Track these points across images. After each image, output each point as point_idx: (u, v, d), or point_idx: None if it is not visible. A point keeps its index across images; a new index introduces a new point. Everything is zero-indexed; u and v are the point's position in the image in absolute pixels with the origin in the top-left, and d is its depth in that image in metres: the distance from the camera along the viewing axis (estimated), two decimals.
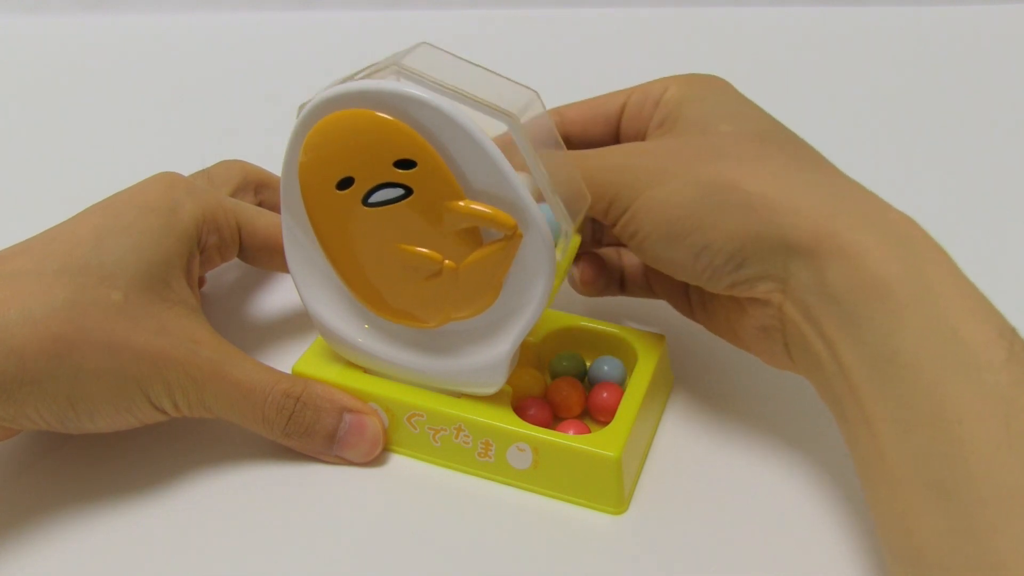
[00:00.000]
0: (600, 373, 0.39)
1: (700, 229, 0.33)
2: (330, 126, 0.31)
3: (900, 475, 0.28)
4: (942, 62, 0.69)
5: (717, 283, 0.34)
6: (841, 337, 0.30)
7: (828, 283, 0.31)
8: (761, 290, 0.33)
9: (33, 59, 0.71)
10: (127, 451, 0.37)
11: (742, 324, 0.35)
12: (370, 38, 0.72)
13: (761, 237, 0.32)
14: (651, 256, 0.35)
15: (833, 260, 0.31)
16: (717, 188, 0.33)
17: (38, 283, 0.33)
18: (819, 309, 0.31)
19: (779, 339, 0.34)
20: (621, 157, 0.35)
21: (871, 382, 0.29)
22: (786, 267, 0.32)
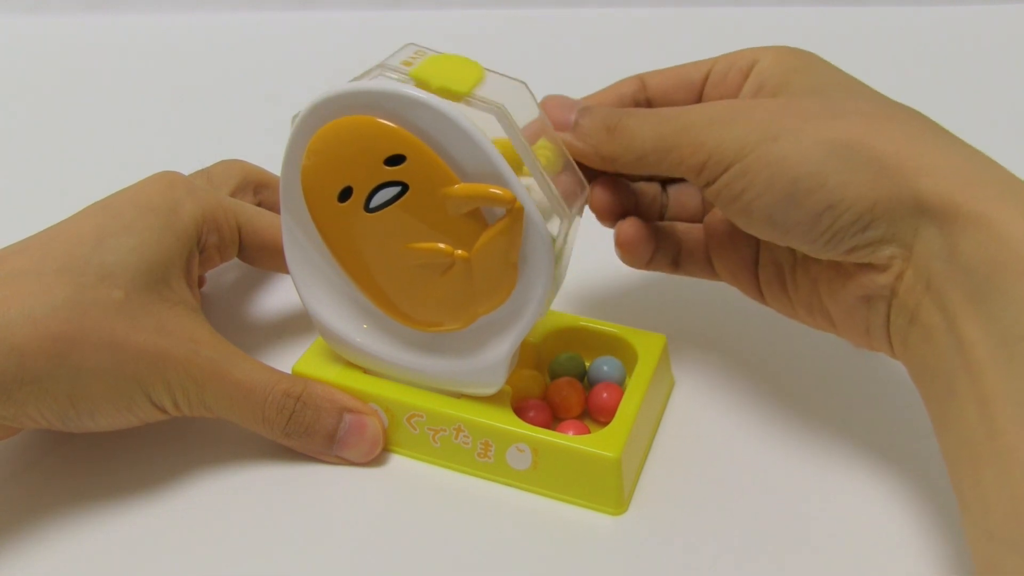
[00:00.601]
0: (600, 373, 0.39)
1: (825, 187, 0.30)
2: (325, 136, 0.32)
3: (1017, 458, 0.27)
4: (942, 62, 0.69)
5: (836, 247, 0.31)
6: (968, 309, 0.29)
7: (961, 251, 0.29)
8: (883, 255, 0.31)
9: (33, 59, 0.71)
10: (127, 451, 0.37)
11: (840, 294, 0.33)
12: (370, 38, 0.72)
13: (893, 197, 0.30)
14: (760, 218, 0.32)
15: (970, 228, 0.29)
16: (844, 145, 0.30)
17: (38, 282, 0.33)
18: (945, 278, 0.29)
19: (882, 310, 0.32)
20: (728, 111, 0.33)
21: (997, 360, 0.28)
22: (916, 231, 0.30)
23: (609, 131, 0.34)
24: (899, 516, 0.34)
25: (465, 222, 0.32)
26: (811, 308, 0.35)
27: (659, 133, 0.33)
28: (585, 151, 0.35)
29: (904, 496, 0.35)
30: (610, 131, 0.34)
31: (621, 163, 0.35)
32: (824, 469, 0.36)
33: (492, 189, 0.31)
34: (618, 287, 0.46)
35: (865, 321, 0.33)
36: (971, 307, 0.29)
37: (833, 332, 0.35)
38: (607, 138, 0.35)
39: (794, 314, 0.36)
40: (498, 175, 0.31)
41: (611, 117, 0.35)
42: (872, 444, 0.37)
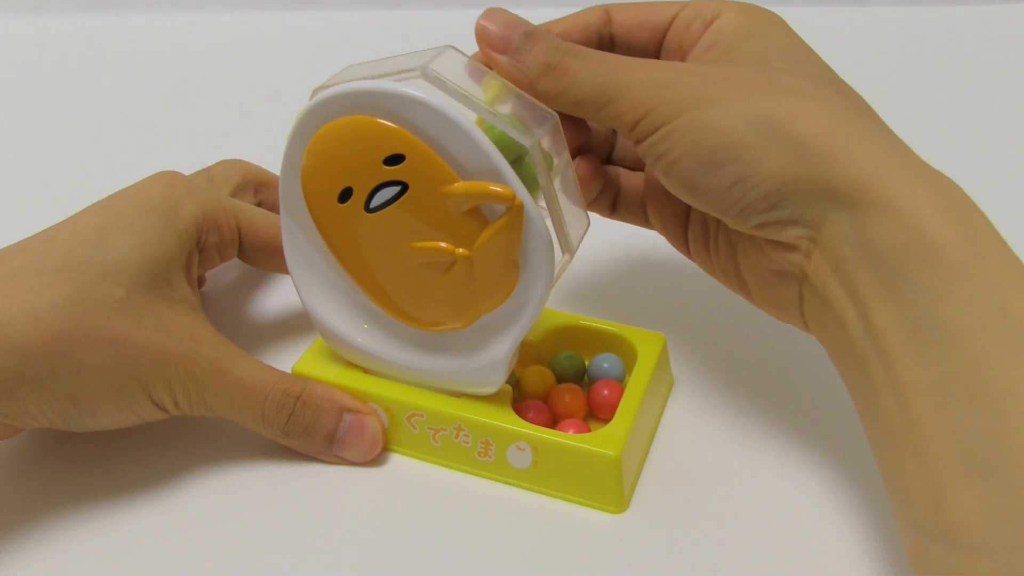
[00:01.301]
0: (600, 370, 0.39)
1: (740, 160, 0.31)
2: (325, 137, 0.32)
3: (934, 448, 0.27)
4: (942, 62, 0.69)
5: (745, 220, 0.32)
6: (878, 297, 0.29)
7: (870, 237, 0.29)
8: (791, 234, 0.31)
9: (33, 59, 0.71)
10: (128, 451, 0.37)
11: (755, 265, 0.34)
12: (370, 38, 0.72)
13: (803, 179, 0.30)
14: (678, 180, 0.33)
15: (880, 213, 0.29)
16: (767, 121, 0.31)
17: (40, 280, 0.33)
18: (854, 264, 0.30)
19: (794, 287, 0.32)
20: (670, 73, 0.33)
21: (909, 348, 0.28)
22: (823, 214, 0.30)
23: (549, 67, 0.33)
24: None
25: (466, 220, 0.32)
26: (728, 272, 0.36)
27: (600, 83, 0.33)
28: (520, 81, 0.34)
29: None
30: (551, 68, 0.33)
31: (556, 103, 0.34)
32: (824, 468, 0.36)
33: (492, 187, 0.31)
34: (618, 286, 0.46)
35: (777, 294, 0.33)
36: (882, 295, 0.29)
37: (749, 300, 0.35)
38: (545, 74, 0.33)
39: (714, 274, 0.37)
40: (497, 172, 0.31)
41: (555, 53, 0.34)
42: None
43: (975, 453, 0.26)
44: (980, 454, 0.26)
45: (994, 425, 0.26)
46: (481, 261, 0.32)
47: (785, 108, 0.31)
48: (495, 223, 0.31)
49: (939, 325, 0.28)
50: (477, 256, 0.32)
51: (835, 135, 0.31)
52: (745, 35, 0.35)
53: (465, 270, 0.33)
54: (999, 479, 0.26)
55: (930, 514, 0.27)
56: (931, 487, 0.27)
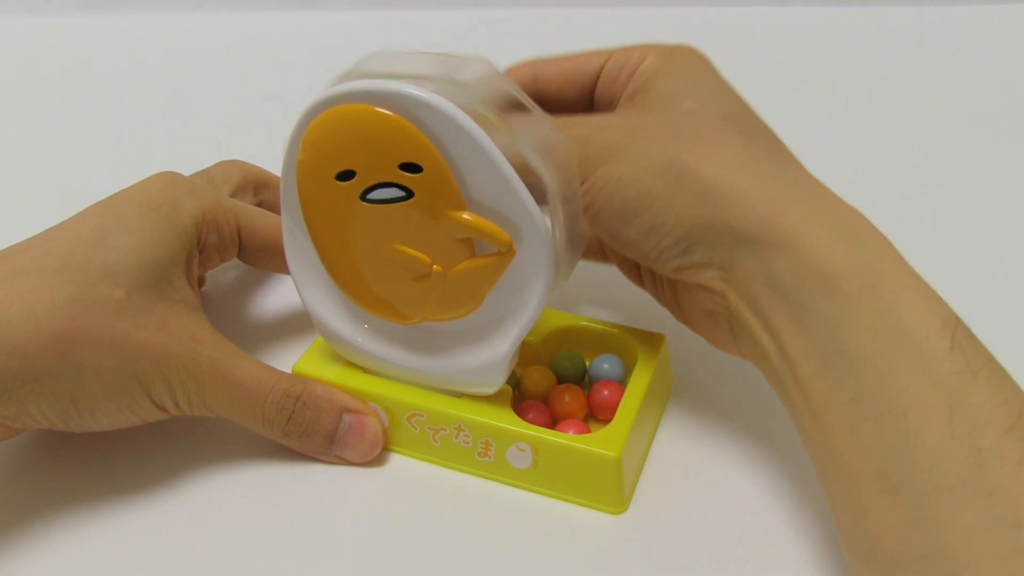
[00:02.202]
0: (600, 371, 0.39)
1: (651, 210, 0.32)
2: (334, 118, 0.31)
3: (851, 468, 0.28)
4: (942, 62, 0.69)
5: (664, 265, 0.33)
6: (788, 329, 0.30)
7: (775, 274, 0.31)
8: (706, 276, 0.33)
9: (33, 59, 0.71)
10: (127, 451, 0.37)
11: (689, 305, 0.35)
12: (370, 38, 0.72)
13: (708, 223, 0.32)
14: (602, 230, 0.34)
15: (780, 251, 0.30)
16: (671, 170, 0.32)
17: (40, 281, 0.33)
18: (765, 300, 0.31)
19: (725, 325, 0.34)
20: (584, 129, 0.35)
21: (819, 375, 0.30)
22: (731, 256, 0.32)
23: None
24: None
25: (454, 242, 0.32)
26: (675, 310, 0.37)
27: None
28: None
29: None
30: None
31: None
32: None
33: (495, 229, 0.31)
34: (618, 287, 0.46)
35: (713, 330, 0.35)
36: (790, 326, 0.30)
37: (700, 335, 0.36)
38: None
39: (672, 312, 0.38)
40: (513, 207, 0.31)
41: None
42: None
43: (884, 469, 0.27)
44: (888, 469, 0.27)
45: (897, 440, 0.27)
46: (453, 283, 0.33)
47: (690, 155, 0.32)
48: (482, 258, 0.32)
49: (843, 351, 0.29)
50: (451, 277, 0.33)
51: (736, 177, 0.32)
52: (659, 77, 0.36)
53: (436, 283, 0.33)
54: (906, 491, 0.27)
55: (854, 533, 0.29)
56: (853, 507, 0.28)
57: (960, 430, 0.27)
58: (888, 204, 0.51)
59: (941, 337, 0.28)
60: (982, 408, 0.27)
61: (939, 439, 0.27)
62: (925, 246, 0.42)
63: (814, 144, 0.41)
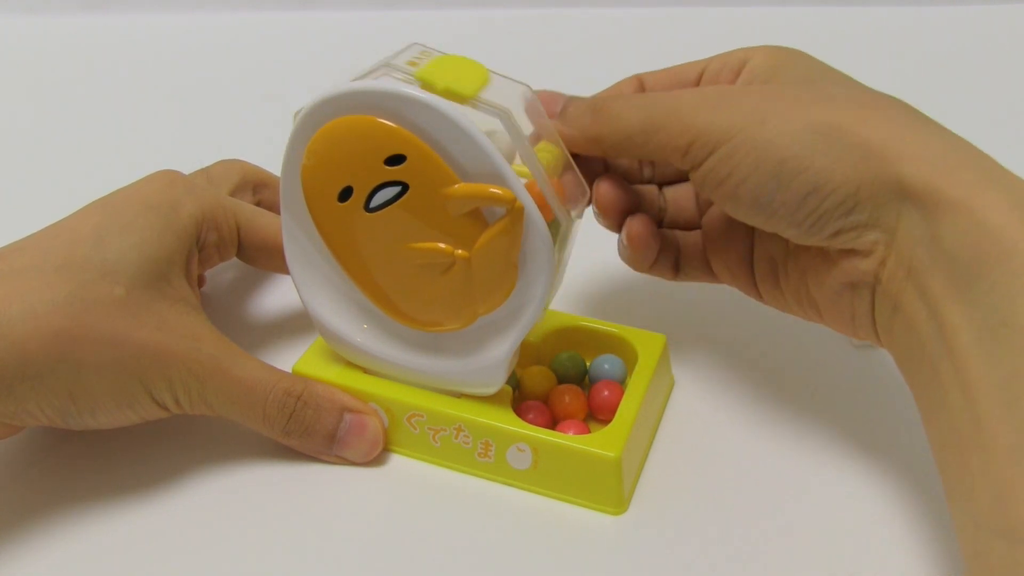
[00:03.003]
0: (601, 371, 0.39)
1: (811, 170, 0.31)
2: (325, 136, 0.32)
3: (1001, 445, 0.27)
4: (942, 62, 0.69)
5: (820, 230, 0.32)
6: (950, 296, 0.29)
7: (943, 237, 0.29)
8: (867, 240, 0.31)
9: (33, 59, 0.71)
10: (127, 450, 0.37)
11: (826, 282, 0.33)
12: (370, 38, 0.72)
13: (877, 181, 0.30)
14: (746, 202, 0.32)
15: (952, 213, 0.29)
16: (830, 129, 0.31)
17: (40, 279, 0.33)
18: (928, 264, 0.30)
19: (866, 297, 0.32)
20: (718, 93, 0.33)
21: (979, 346, 0.28)
22: (899, 216, 0.30)
23: (595, 112, 0.34)
24: (900, 514, 0.34)
25: (465, 222, 0.32)
26: (800, 299, 0.35)
27: (646, 114, 0.33)
28: (572, 135, 0.35)
29: (905, 494, 0.35)
30: (596, 111, 0.34)
31: (607, 144, 0.34)
32: (824, 468, 0.36)
33: (492, 189, 0.31)
34: (618, 287, 0.46)
35: (850, 309, 0.33)
36: (953, 293, 0.29)
37: (822, 323, 0.35)
38: (593, 119, 0.34)
39: (787, 307, 0.36)
40: (498, 174, 0.31)
41: (597, 100, 0.35)
42: (871, 442, 0.37)
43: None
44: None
45: None
46: (480, 263, 0.32)
47: (846, 115, 0.31)
48: (494, 225, 0.31)
49: (1009, 323, 0.27)
50: (476, 258, 0.32)
51: (900, 136, 0.31)
52: (780, 67, 0.35)
53: (464, 271, 0.33)
54: None
55: (994, 510, 0.27)
56: (995, 484, 0.27)
57: None
58: None
59: None
60: None
61: None
62: None
63: None
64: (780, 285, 0.36)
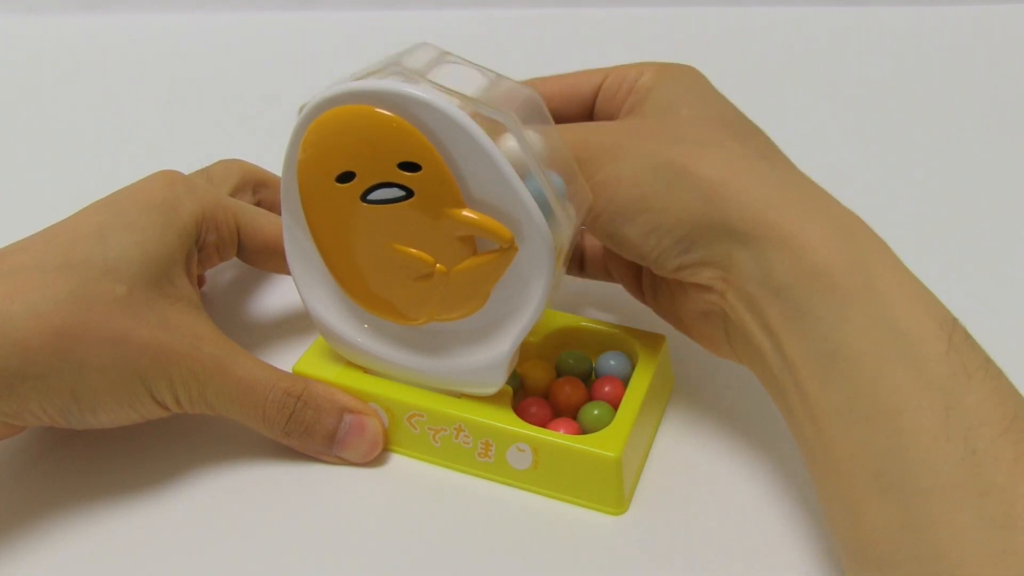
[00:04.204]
0: (606, 367, 0.39)
1: (652, 210, 0.33)
2: (333, 120, 0.31)
3: (846, 468, 0.28)
4: (942, 62, 0.69)
5: (664, 265, 0.34)
6: (785, 330, 0.30)
7: (771, 273, 0.31)
8: (705, 276, 0.33)
9: (33, 59, 0.71)
10: (128, 450, 0.37)
11: (685, 308, 0.35)
12: (370, 38, 0.72)
13: (707, 222, 0.32)
14: (604, 234, 0.35)
15: (776, 249, 0.31)
16: (670, 169, 0.33)
17: (41, 278, 0.33)
18: (762, 300, 0.31)
19: (720, 326, 0.34)
20: (582, 132, 0.35)
21: (815, 376, 0.30)
22: (730, 254, 0.32)
23: None
24: None
25: (455, 240, 0.32)
26: (672, 316, 0.37)
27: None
28: None
29: None
30: None
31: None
32: None
33: (496, 225, 0.31)
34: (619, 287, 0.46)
35: (710, 333, 0.35)
36: (787, 326, 0.30)
37: (693, 339, 0.37)
38: None
39: (667, 319, 0.38)
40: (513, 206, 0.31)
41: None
42: None
43: (878, 469, 0.27)
44: (881, 470, 0.27)
45: (891, 442, 0.27)
46: (456, 282, 0.33)
47: (688, 155, 0.33)
48: (484, 255, 0.32)
49: (838, 351, 0.29)
50: (454, 276, 0.32)
51: (733, 176, 0.32)
52: (655, 88, 0.37)
53: (438, 283, 0.33)
54: (898, 492, 0.27)
55: (849, 534, 0.29)
56: (847, 506, 0.28)
57: (955, 431, 0.27)
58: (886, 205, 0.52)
59: (937, 339, 0.28)
60: (978, 410, 0.27)
61: (933, 440, 0.27)
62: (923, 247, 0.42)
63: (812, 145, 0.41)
64: (658, 299, 0.38)
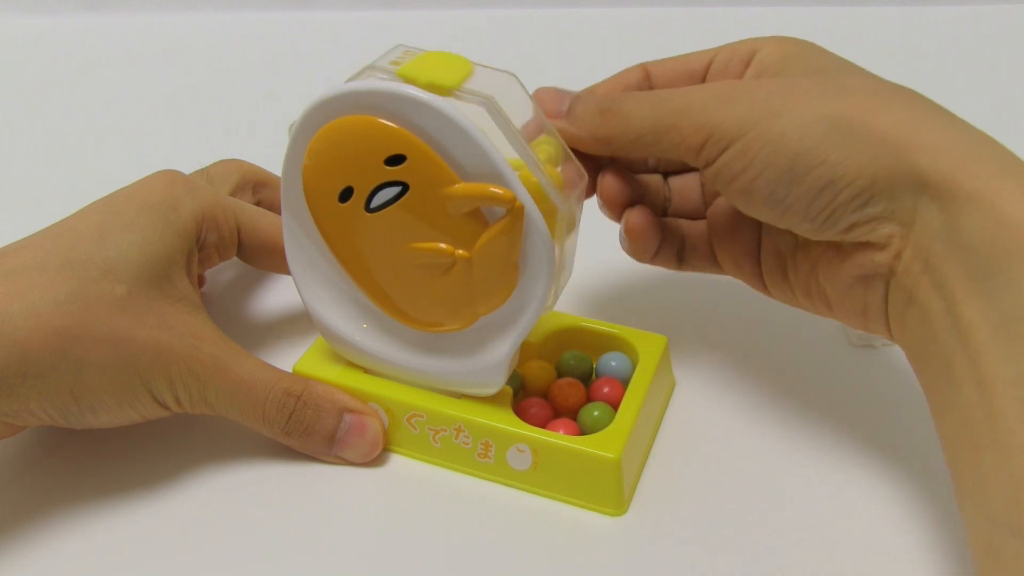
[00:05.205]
0: (607, 368, 0.38)
1: (826, 163, 0.30)
2: (326, 136, 0.32)
3: (1017, 442, 0.26)
4: (942, 62, 0.69)
5: (834, 224, 0.31)
6: (967, 290, 0.28)
7: (961, 230, 0.28)
8: (882, 232, 0.31)
9: (33, 59, 0.71)
10: (128, 450, 0.37)
11: (838, 275, 0.33)
12: (370, 38, 0.72)
13: (893, 173, 0.30)
14: (760, 198, 0.32)
15: (971, 206, 0.28)
16: (845, 121, 0.30)
17: (41, 278, 0.33)
18: (945, 257, 0.29)
19: (880, 290, 0.32)
20: (730, 90, 0.33)
21: (996, 341, 0.27)
22: (915, 208, 0.30)
23: (603, 113, 0.34)
24: (902, 514, 0.34)
25: (466, 222, 0.32)
26: (809, 292, 0.35)
27: (657, 113, 0.33)
28: (579, 135, 0.35)
29: (908, 494, 0.35)
30: (604, 113, 0.34)
31: (617, 144, 0.34)
32: (825, 468, 0.36)
33: (492, 188, 0.31)
34: (619, 287, 0.46)
35: (862, 301, 0.33)
36: (971, 287, 0.28)
37: (831, 316, 0.35)
38: (601, 120, 0.34)
39: (794, 300, 0.36)
40: (498, 174, 0.31)
41: (605, 100, 0.35)
42: (873, 443, 0.37)
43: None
44: None
45: None
46: (480, 263, 0.32)
47: (860, 107, 0.31)
48: (495, 225, 0.31)
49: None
50: (476, 258, 0.32)
51: (916, 128, 0.30)
52: (792, 57, 0.35)
53: (464, 271, 0.33)
54: None
55: (1009, 507, 0.27)
56: (1011, 480, 0.27)
57: None
58: None
59: None
60: None
61: None
62: None
63: None
64: (788, 278, 0.36)
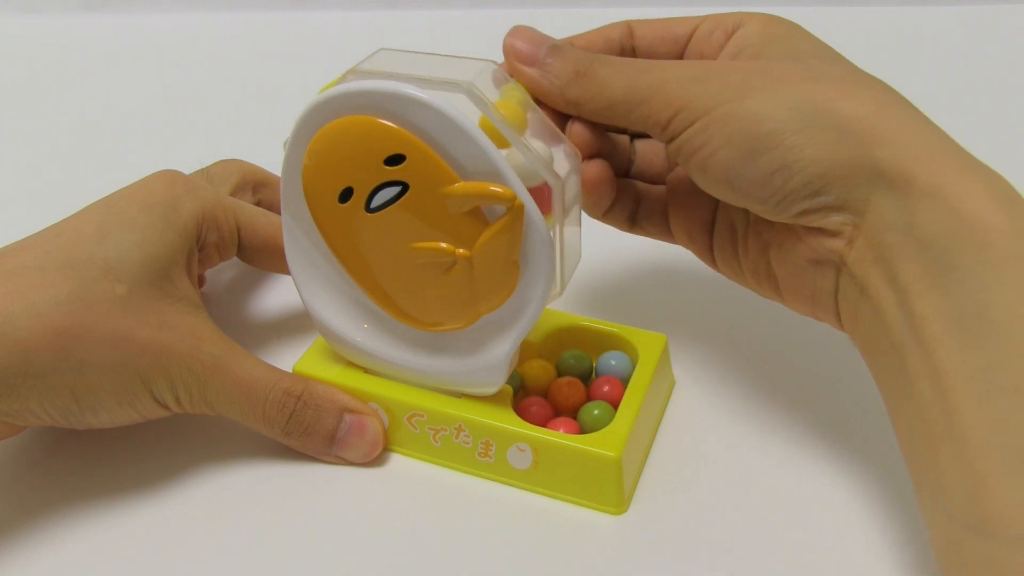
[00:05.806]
0: (607, 367, 0.38)
1: (782, 146, 0.30)
2: (325, 137, 0.32)
3: (974, 437, 0.26)
4: (942, 62, 0.69)
5: (785, 209, 0.31)
6: (922, 283, 0.28)
7: (917, 223, 0.28)
8: (833, 221, 0.31)
9: (33, 59, 0.71)
10: (128, 450, 0.37)
11: (789, 257, 0.33)
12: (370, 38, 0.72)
13: (849, 164, 0.30)
14: (715, 174, 0.32)
15: (928, 198, 0.28)
16: (810, 106, 0.30)
17: (42, 277, 0.33)
18: (899, 250, 0.29)
19: (830, 276, 0.32)
20: (703, 69, 0.33)
21: (952, 336, 0.27)
22: (868, 199, 0.30)
23: (578, 75, 0.34)
24: (902, 514, 0.34)
25: (466, 221, 0.32)
26: (758, 272, 0.35)
27: (632, 85, 0.33)
28: (550, 91, 0.34)
29: (907, 494, 0.35)
30: (579, 75, 0.34)
31: (587, 109, 0.34)
32: (824, 468, 0.36)
33: (492, 187, 0.31)
34: (619, 287, 0.46)
35: (812, 287, 0.33)
36: (926, 281, 0.28)
37: (778, 299, 0.35)
38: (575, 81, 0.34)
39: (742, 279, 0.36)
40: (498, 173, 0.31)
41: (583, 61, 0.34)
42: (873, 443, 0.37)
43: (1017, 445, 0.26)
44: (1022, 447, 0.26)
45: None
46: (481, 262, 0.32)
47: (828, 93, 0.31)
48: (495, 224, 0.31)
49: (985, 313, 0.27)
50: (477, 257, 0.32)
51: (880, 118, 0.30)
52: (772, 39, 0.34)
53: (465, 271, 0.33)
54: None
55: (967, 504, 0.27)
56: (968, 476, 0.27)
57: None
58: None
59: None
60: None
61: None
62: None
63: None
64: (738, 255, 0.36)
